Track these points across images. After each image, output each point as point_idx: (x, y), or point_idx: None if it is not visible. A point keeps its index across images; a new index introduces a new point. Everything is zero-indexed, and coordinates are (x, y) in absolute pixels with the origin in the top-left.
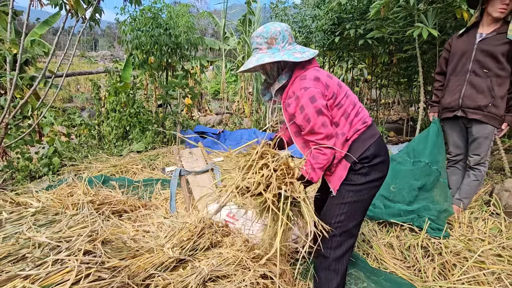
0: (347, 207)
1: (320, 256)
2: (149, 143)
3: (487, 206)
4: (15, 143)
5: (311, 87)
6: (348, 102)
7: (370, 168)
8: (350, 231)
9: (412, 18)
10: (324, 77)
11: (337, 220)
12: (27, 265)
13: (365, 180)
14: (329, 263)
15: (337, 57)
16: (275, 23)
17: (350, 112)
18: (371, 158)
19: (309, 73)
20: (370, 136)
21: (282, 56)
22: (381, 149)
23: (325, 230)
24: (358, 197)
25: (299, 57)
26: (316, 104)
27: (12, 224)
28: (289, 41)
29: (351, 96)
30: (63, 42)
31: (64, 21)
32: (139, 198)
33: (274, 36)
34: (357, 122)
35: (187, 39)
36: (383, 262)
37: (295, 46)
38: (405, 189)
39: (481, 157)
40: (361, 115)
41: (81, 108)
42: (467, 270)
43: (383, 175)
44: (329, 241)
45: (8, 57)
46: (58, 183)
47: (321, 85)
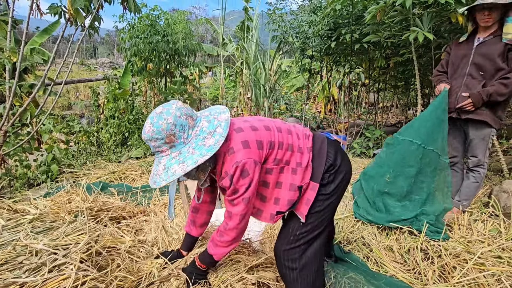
0: (314, 217)
1: (284, 269)
2: (148, 149)
3: (486, 208)
4: (14, 151)
5: (243, 159)
6: (285, 134)
7: (335, 173)
8: (317, 237)
9: (408, 22)
10: (251, 135)
11: (303, 231)
12: (24, 272)
13: (334, 186)
14: (296, 276)
15: (334, 62)
16: (162, 114)
17: (292, 142)
18: (334, 162)
19: (235, 142)
20: (321, 143)
21: (193, 156)
22: (334, 146)
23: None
24: (327, 204)
25: (212, 144)
26: (247, 179)
27: (9, 231)
28: (190, 125)
29: (282, 126)
30: (63, 50)
31: (63, 29)
32: (138, 205)
33: (169, 133)
34: (304, 143)
35: (185, 45)
36: (383, 265)
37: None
38: (401, 177)
39: (478, 159)
40: (301, 134)
41: (80, 115)
42: (467, 272)
43: (345, 171)
44: (292, 252)
45: (8, 65)
46: (56, 190)
47: (253, 151)
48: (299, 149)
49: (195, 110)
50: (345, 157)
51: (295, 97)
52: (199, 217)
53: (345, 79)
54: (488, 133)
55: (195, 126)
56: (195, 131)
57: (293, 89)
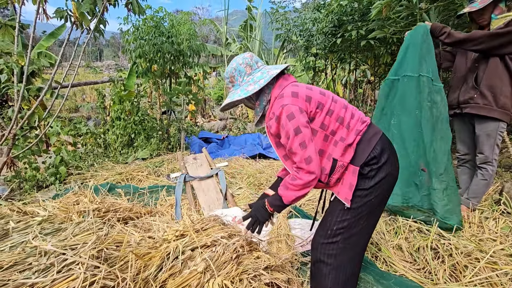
0: (351, 213)
1: (318, 262)
2: (154, 150)
3: (498, 205)
4: (23, 153)
5: (289, 104)
6: (339, 106)
7: (378, 169)
8: (354, 238)
9: (414, 17)
10: (303, 90)
11: (339, 227)
12: (33, 273)
13: (373, 183)
14: (329, 271)
15: (339, 59)
16: (233, 61)
17: (344, 115)
18: (379, 158)
19: (286, 91)
20: (374, 134)
21: (235, 95)
22: (385, 144)
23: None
24: (365, 202)
25: (250, 90)
26: (293, 121)
27: (18, 233)
28: (247, 72)
29: (339, 100)
30: (69, 53)
31: (69, 32)
32: (145, 205)
33: (231, 74)
34: (356, 123)
35: (189, 46)
36: (392, 264)
37: (254, 75)
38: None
39: (485, 156)
40: (357, 115)
41: (87, 117)
42: (479, 271)
43: (388, 172)
44: (329, 247)
45: (16, 69)
46: (64, 192)
47: (300, 101)
48: (348, 125)
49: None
50: (392, 160)
51: None
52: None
53: (351, 76)
54: (495, 128)
55: (251, 74)
56: (249, 78)
57: None
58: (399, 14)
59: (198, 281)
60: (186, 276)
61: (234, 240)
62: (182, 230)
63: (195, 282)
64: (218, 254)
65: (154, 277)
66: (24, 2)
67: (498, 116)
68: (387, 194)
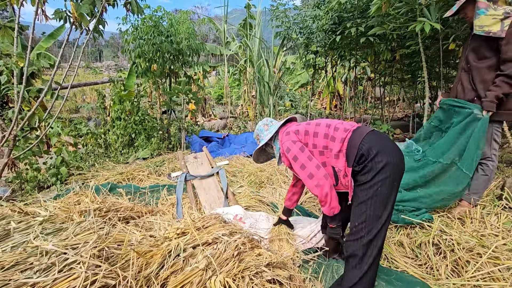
0: (365, 206)
1: (350, 256)
2: (155, 149)
3: (499, 201)
4: (24, 154)
5: (284, 142)
6: (322, 127)
7: (371, 162)
8: (376, 228)
9: (414, 13)
10: (293, 128)
11: (360, 221)
12: (34, 272)
13: (373, 174)
14: (357, 261)
15: (339, 56)
16: (258, 125)
17: (328, 132)
18: (367, 153)
19: (284, 134)
20: (358, 136)
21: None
22: (373, 141)
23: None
24: (373, 192)
25: (265, 138)
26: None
27: (20, 233)
28: (264, 129)
29: (322, 122)
30: (68, 54)
31: (68, 33)
32: (146, 205)
33: (256, 133)
34: (340, 134)
35: (189, 45)
36: (394, 260)
37: (270, 129)
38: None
39: (484, 152)
40: (341, 128)
41: (87, 118)
42: (481, 266)
43: (386, 161)
44: (358, 242)
45: (15, 70)
46: (65, 192)
47: (292, 135)
48: (332, 138)
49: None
50: (385, 150)
51: (300, 94)
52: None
53: (351, 73)
54: (489, 126)
55: (268, 130)
56: (267, 132)
57: (298, 86)
58: (399, 10)
59: (200, 278)
60: (188, 274)
61: (235, 237)
62: (183, 228)
63: (197, 279)
64: (219, 252)
65: (156, 274)
66: (23, 4)
67: (493, 117)
68: (394, 181)
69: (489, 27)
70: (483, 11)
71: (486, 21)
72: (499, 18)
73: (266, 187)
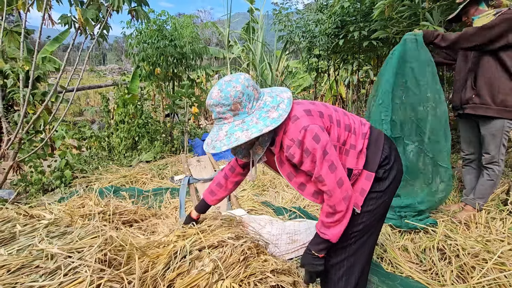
0: (366, 216)
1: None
2: (158, 152)
3: (504, 205)
4: (29, 157)
5: (310, 124)
6: (341, 114)
7: (390, 169)
8: (366, 239)
9: (417, 17)
10: (312, 106)
11: (354, 230)
12: (40, 276)
13: (388, 183)
14: (342, 274)
15: (341, 60)
16: (231, 81)
17: (349, 122)
18: (389, 157)
19: (297, 111)
20: (378, 134)
21: (258, 125)
22: (390, 142)
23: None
24: (380, 203)
25: (276, 117)
26: (321, 143)
27: (25, 236)
28: (255, 96)
29: (338, 108)
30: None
31: (73, 38)
32: (149, 208)
33: (236, 100)
34: (359, 127)
35: (192, 49)
36: (398, 266)
37: (264, 98)
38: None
39: (491, 156)
40: (357, 119)
41: (91, 121)
42: (487, 272)
43: (398, 169)
44: (342, 251)
45: (21, 74)
46: (70, 195)
47: (316, 118)
48: (354, 131)
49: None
50: (398, 157)
51: (303, 97)
52: (221, 192)
53: (353, 77)
54: (500, 128)
55: (259, 99)
56: (259, 103)
57: (300, 89)
58: (402, 14)
59: (206, 281)
60: (194, 276)
61: (241, 241)
62: (186, 232)
63: (204, 283)
64: (226, 255)
65: (162, 275)
66: (29, 9)
67: (497, 114)
68: (395, 191)
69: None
70: (477, 16)
71: (481, 22)
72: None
73: (269, 191)
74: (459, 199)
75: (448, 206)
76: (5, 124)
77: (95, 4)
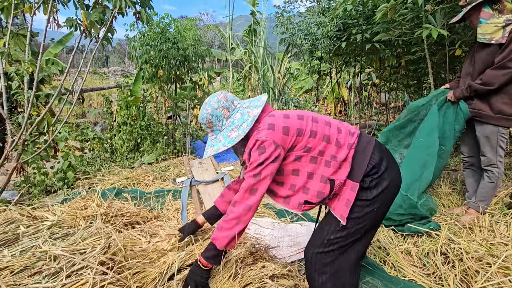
0: (350, 223)
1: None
2: (160, 154)
3: (508, 209)
4: (32, 159)
5: (263, 137)
6: (321, 125)
7: (379, 178)
8: (351, 246)
9: (420, 19)
10: (280, 121)
11: (337, 236)
12: (43, 277)
13: (376, 192)
14: (325, 279)
15: (343, 62)
16: (205, 104)
17: (329, 133)
18: (379, 166)
19: (264, 124)
20: (367, 143)
21: (219, 143)
22: (382, 151)
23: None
24: (366, 212)
25: (234, 137)
26: (263, 155)
27: (29, 237)
28: (224, 116)
29: (320, 118)
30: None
31: (78, 40)
32: (151, 210)
33: (208, 121)
34: (345, 138)
35: (195, 51)
36: (401, 269)
37: (234, 117)
38: None
39: (488, 158)
40: (344, 129)
41: (94, 123)
42: (491, 276)
43: (391, 180)
44: (325, 256)
45: (26, 76)
46: (72, 197)
47: (277, 134)
48: (337, 142)
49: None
50: (392, 167)
51: (304, 99)
52: (230, 193)
53: (355, 79)
54: (494, 132)
55: (229, 117)
56: (229, 121)
57: (302, 91)
58: (404, 16)
59: None
60: None
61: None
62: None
63: None
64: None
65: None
66: (36, 12)
67: (495, 122)
68: (389, 204)
69: (491, 35)
70: (485, 21)
71: (488, 29)
72: (500, 26)
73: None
74: (462, 202)
75: (451, 209)
76: (9, 126)
77: (100, 7)
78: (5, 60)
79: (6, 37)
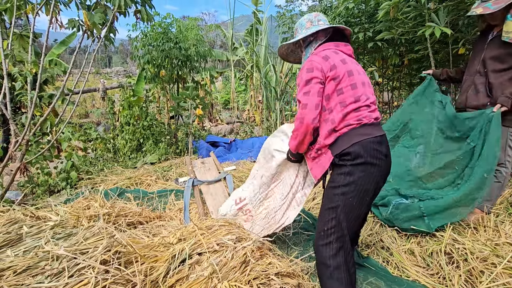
0: (335, 212)
1: (320, 264)
2: (162, 154)
3: None
4: (35, 159)
5: (313, 61)
6: (351, 93)
7: (353, 168)
8: (346, 237)
9: (423, 17)
10: (335, 59)
11: (329, 226)
12: (46, 277)
13: (348, 180)
14: (331, 271)
15: None
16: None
17: (349, 104)
18: (353, 157)
19: (321, 51)
20: (360, 134)
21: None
22: (367, 150)
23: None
24: (346, 200)
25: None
26: (310, 74)
27: (32, 237)
28: (306, 26)
29: (359, 90)
30: (79, 60)
31: (80, 41)
32: (154, 210)
33: (296, 28)
34: (352, 117)
35: (197, 51)
36: (405, 269)
37: (309, 29)
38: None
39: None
40: (360, 112)
41: (97, 123)
42: (496, 277)
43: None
44: (327, 249)
45: (29, 77)
46: (75, 197)
47: (326, 64)
48: (345, 114)
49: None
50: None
51: None
52: None
53: None
54: (504, 132)
55: (310, 28)
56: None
57: None
58: (407, 15)
59: (205, 285)
60: (192, 282)
61: (244, 244)
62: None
63: (202, 287)
64: (226, 259)
65: (162, 279)
66: (39, 13)
67: (505, 122)
68: (367, 196)
69: None
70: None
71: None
72: None
73: None
74: None
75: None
76: (13, 126)
77: (101, 8)
78: (9, 61)
79: (10, 39)
